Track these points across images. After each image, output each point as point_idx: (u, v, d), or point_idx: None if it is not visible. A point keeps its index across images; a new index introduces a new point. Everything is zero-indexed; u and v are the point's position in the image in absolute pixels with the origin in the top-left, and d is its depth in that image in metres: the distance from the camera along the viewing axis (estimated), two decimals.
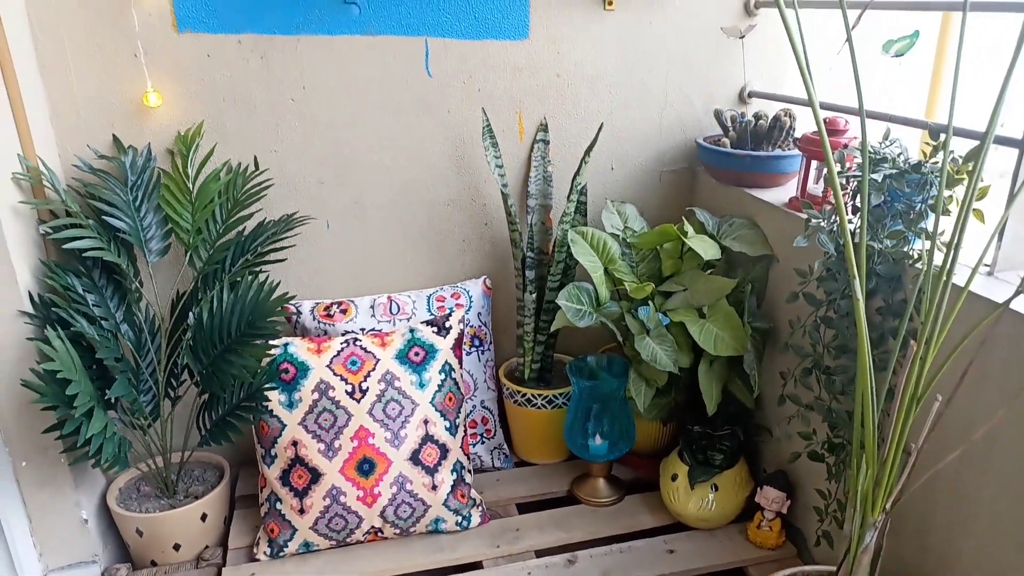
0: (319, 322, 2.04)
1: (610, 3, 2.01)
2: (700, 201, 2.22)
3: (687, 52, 2.12)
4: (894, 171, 1.45)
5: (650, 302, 1.89)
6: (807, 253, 1.63)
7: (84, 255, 1.70)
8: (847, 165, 1.56)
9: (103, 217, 1.75)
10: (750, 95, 2.18)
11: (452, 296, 2.15)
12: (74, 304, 1.69)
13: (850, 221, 1.49)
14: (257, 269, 1.92)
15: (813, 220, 1.51)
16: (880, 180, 1.42)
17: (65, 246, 1.65)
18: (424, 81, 2.01)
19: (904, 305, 1.46)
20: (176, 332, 1.87)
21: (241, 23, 1.85)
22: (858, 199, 1.52)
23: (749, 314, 1.84)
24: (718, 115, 2.07)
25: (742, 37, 1.97)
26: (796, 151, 1.92)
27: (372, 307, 2.09)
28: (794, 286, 1.65)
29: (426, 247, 2.18)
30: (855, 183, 1.53)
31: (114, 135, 1.86)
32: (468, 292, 2.17)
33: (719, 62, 2.14)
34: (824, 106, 1.76)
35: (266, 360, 1.83)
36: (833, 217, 1.51)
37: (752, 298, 1.86)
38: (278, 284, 1.78)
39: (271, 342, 1.82)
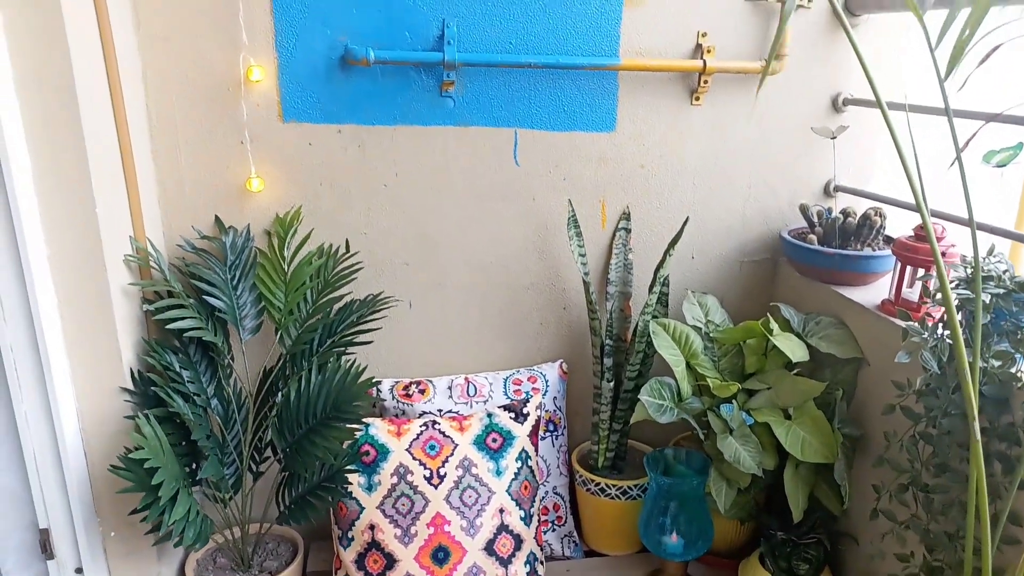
0: (398, 401, 2.06)
1: (697, 99, 2.04)
2: (783, 294, 2.19)
3: (772, 146, 2.12)
4: (1001, 290, 1.41)
5: (733, 400, 1.86)
6: (903, 362, 1.58)
7: (184, 334, 1.76)
8: (949, 280, 1.52)
9: (203, 296, 1.82)
10: (836, 189, 2.16)
11: (528, 379, 2.15)
12: (171, 383, 1.75)
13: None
14: (342, 349, 1.96)
15: (915, 336, 1.47)
16: (988, 301, 1.38)
17: (168, 326, 1.72)
18: (511, 169, 2.05)
19: (1012, 429, 1.41)
20: (262, 408, 1.92)
21: (343, 114, 1.93)
22: (961, 315, 1.49)
23: (839, 419, 1.79)
24: (804, 210, 2.05)
25: (834, 138, 1.96)
26: (887, 251, 1.89)
27: (450, 388, 2.11)
28: (887, 392, 1.61)
29: (504, 329, 2.20)
30: (958, 292, 1.49)
31: (216, 216, 1.95)
32: (544, 376, 2.17)
33: (804, 156, 2.14)
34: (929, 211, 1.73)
35: (348, 443, 1.85)
36: (936, 332, 1.47)
37: (842, 403, 1.81)
38: (364, 368, 1.81)
39: (354, 426, 1.84)
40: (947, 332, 1.42)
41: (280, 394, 1.87)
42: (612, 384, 2.08)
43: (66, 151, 1.53)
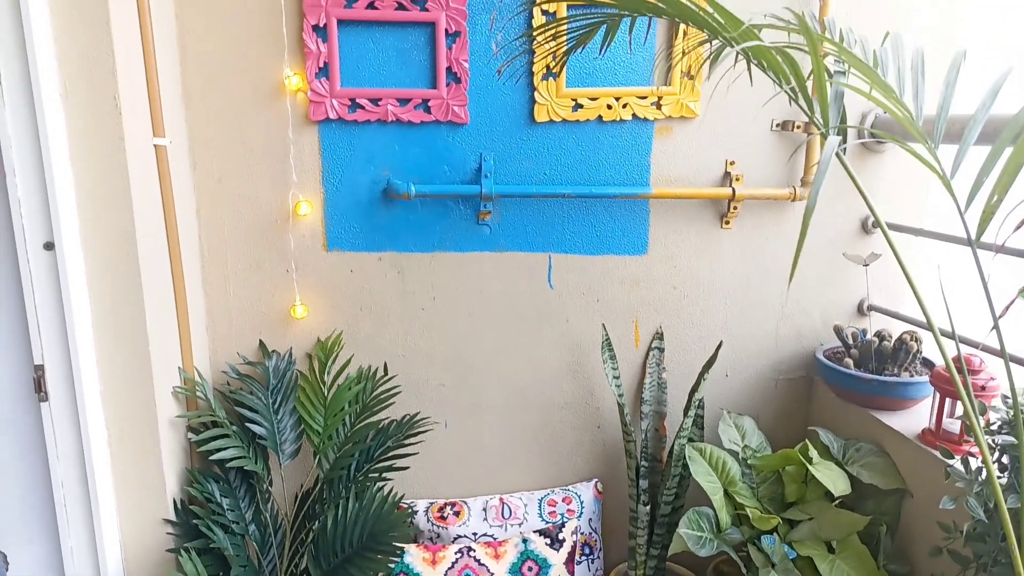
0: (432, 524, 2.06)
1: (727, 222, 2.09)
2: (820, 415, 2.17)
3: (803, 267, 2.14)
4: None
5: (775, 532, 1.82)
6: (947, 492, 1.55)
7: (226, 464, 1.80)
8: (987, 416, 1.51)
9: (245, 423, 1.87)
10: (869, 308, 2.17)
11: (563, 500, 2.14)
12: (213, 516, 1.77)
13: (998, 476, 1.42)
14: (378, 475, 1.98)
15: (959, 480, 1.45)
16: None
17: (212, 457, 1.76)
18: (545, 292, 2.10)
19: None
20: (299, 533, 1.93)
21: (383, 243, 2.01)
22: (1005, 457, 1.47)
23: (884, 555, 1.74)
24: (838, 331, 2.06)
25: (866, 265, 1.99)
26: (925, 378, 1.88)
27: (484, 509, 2.10)
28: (932, 527, 1.57)
29: (539, 448, 2.20)
30: (1000, 438, 1.47)
31: (261, 340, 2.01)
32: (579, 496, 2.15)
33: (837, 276, 2.15)
34: (960, 339, 1.73)
35: (384, 574, 1.84)
36: (980, 476, 1.45)
37: (887, 537, 1.77)
38: (401, 496, 1.83)
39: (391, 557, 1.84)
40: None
41: (317, 520, 1.88)
42: (648, 508, 2.06)
43: (125, 297, 1.61)
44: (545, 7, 1.89)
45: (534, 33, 1.87)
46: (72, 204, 1.54)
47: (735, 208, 2.06)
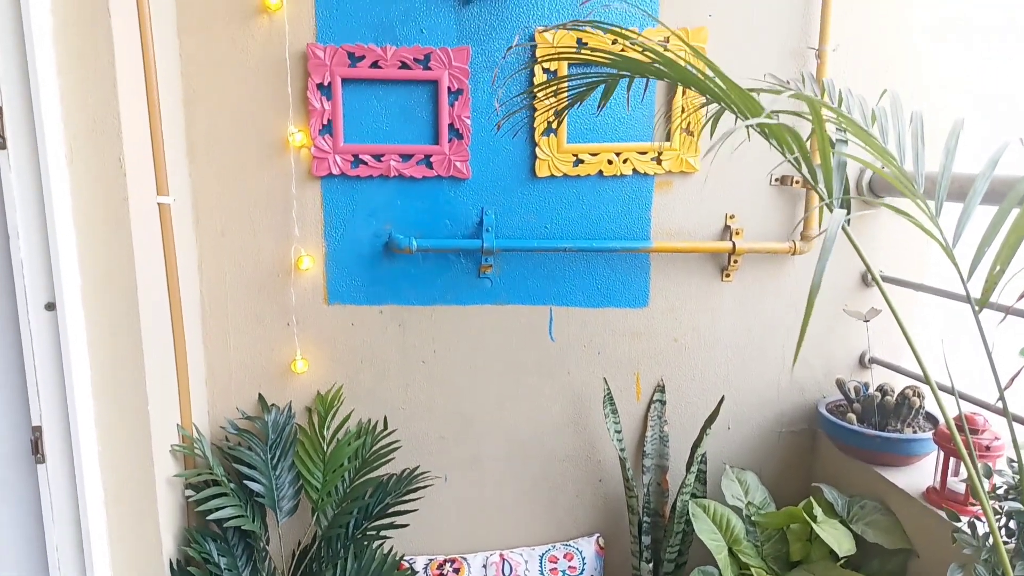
0: None
1: (727, 275, 2.09)
2: (823, 470, 2.15)
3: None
4: None
5: None
6: (955, 554, 1.53)
7: (224, 524, 1.77)
8: (992, 480, 1.50)
9: (243, 480, 1.85)
10: (871, 361, 2.16)
11: (565, 556, 2.11)
12: None
13: (1005, 543, 1.41)
14: (376, 533, 1.95)
15: (966, 547, 1.43)
16: None
17: (209, 517, 1.74)
18: (546, 345, 2.10)
19: None
20: None
21: (384, 296, 2.01)
22: (1013, 522, 1.45)
23: None
24: (841, 385, 2.05)
25: (867, 321, 1.99)
26: (928, 435, 1.87)
27: (484, 566, 2.07)
28: None
29: (540, 501, 2.18)
30: (1007, 504, 1.46)
31: (260, 394, 2.00)
32: (581, 552, 2.12)
33: (838, 328, 2.15)
34: (960, 396, 1.72)
35: None
36: (988, 542, 1.43)
37: None
38: (401, 557, 1.80)
39: None
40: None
41: None
42: (651, 565, 2.03)
43: (125, 357, 1.60)
44: (547, 65, 1.91)
45: (535, 90, 1.89)
46: (74, 265, 1.54)
47: (735, 261, 2.06)
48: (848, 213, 1.21)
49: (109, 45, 1.49)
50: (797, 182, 2.03)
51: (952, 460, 1.73)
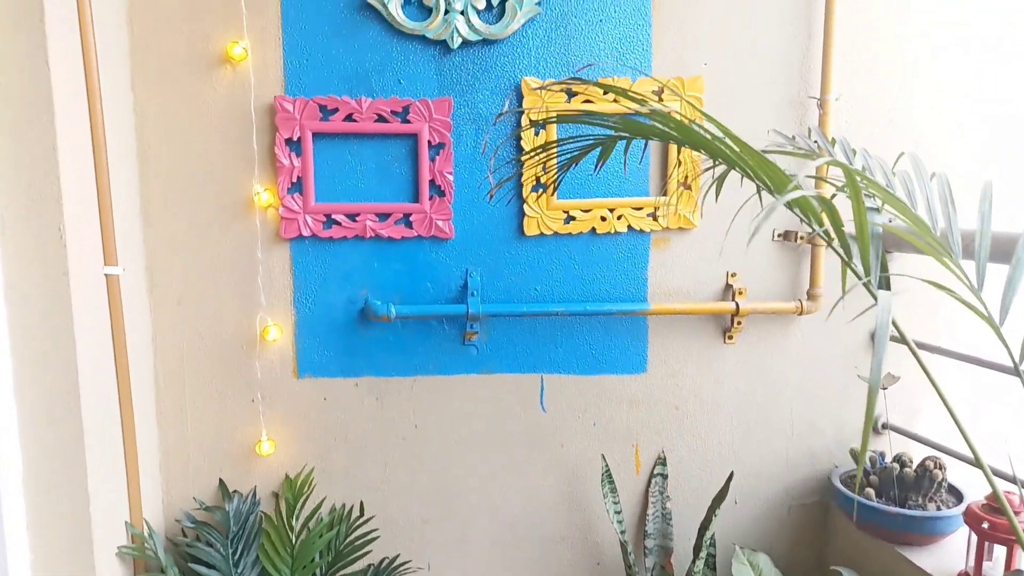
0: None
1: (730, 337, 1.95)
2: (838, 546, 1.99)
3: (812, 383, 2.00)
4: None
5: None
6: None
7: None
8: None
9: None
10: (884, 427, 2.02)
11: None
12: None
13: None
14: None
15: None
16: None
17: None
18: (537, 416, 1.93)
19: None
20: None
21: (360, 367, 1.84)
22: None
23: None
24: (855, 455, 1.90)
25: (884, 389, 1.85)
26: (955, 511, 1.72)
27: None
28: None
29: None
30: None
31: (221, 480, 1.80)
32: None
33: (848, 392, 2.01)
34: (993, 471, 1.58)
35: None
36: None
37: None
38: None
39: None
40: None
41: None
42: None
43: (63, 450, 1.41)
44: (536, 116, 1.79)
45: (523, 158, 1.76)
46: (6, 347, 1.36)
47: (739, 323, 1.92)
48: (885, 290, 1.07)
49: (48, 99, 1.33)
50: (802, 238, 1.91)
51: (986, 543, 1.58)
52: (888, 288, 1.08)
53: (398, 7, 1.72)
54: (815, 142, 1.37)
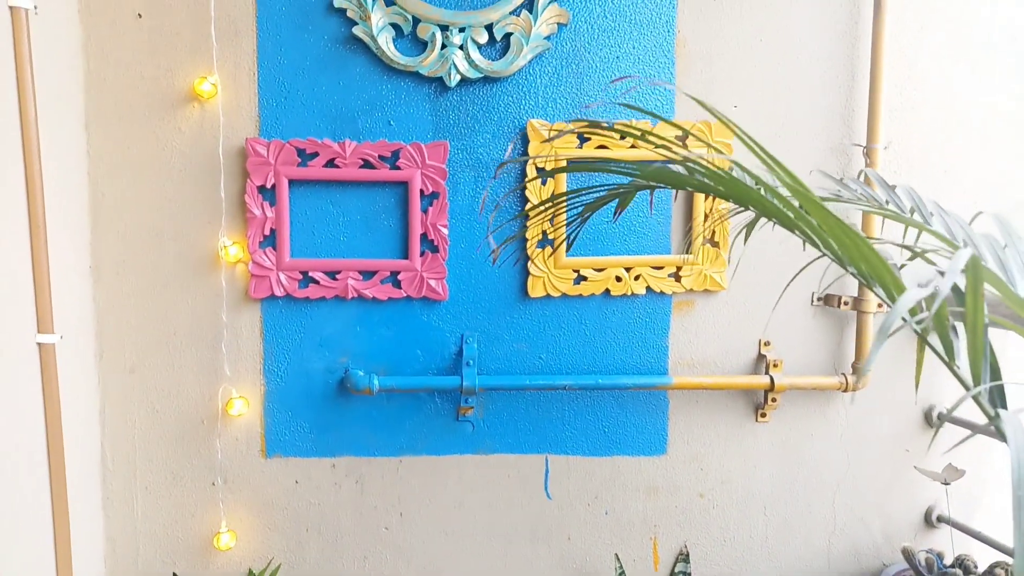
0: None
1: (763, 415, 1.71)
2: None
3: (857, 468, 1.75)
4: None
5: None
6: None
7: None
8: None
9: None
10: (939, 520, 1.76)
11: None
12: None
13: None
14: None
15: None
16: None
17: None
18: (541, 503, 1.68)
19: None
20: None
21: (338, 446, 1.61)
22: None
23: None
24: (908, 556, 1.63)
25: (946, 484, 1.59)
26: None
27: None
28: None
29: None
30: None
31: (174, 575, 1.56)
32: None
33: (898, 479, 1.76)
34: None
35: None
36: None
37: None
38: None
39: None
40: None
41: None
42: None
43: None
44: (541, 163, 1.58)
45: (529, 210, 1.55)
46: None
47: (773, 399, 1.68)
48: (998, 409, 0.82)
49: None
50: (845, 303, 1.67)
51: None
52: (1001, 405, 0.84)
53: (389, 41, 1.52)
54: (859, 194, 1.14)
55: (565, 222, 1.31)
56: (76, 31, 1.44)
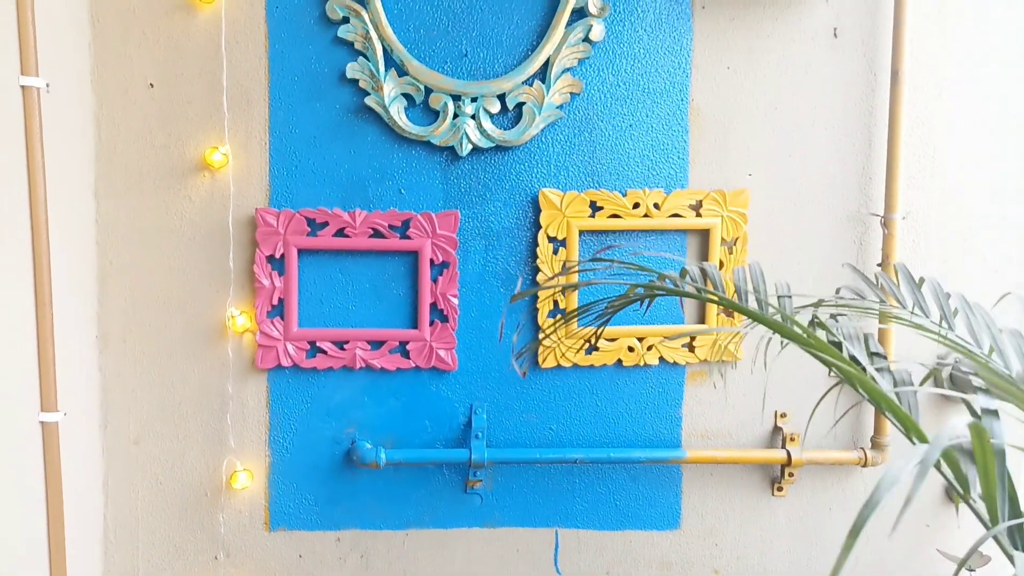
0: None
1: (780, 489, 1.66)
2: None
3: (876, 543, 1.69)
4: None
5: None
6: None
7: None
8: None
9: None
10: None
11: None
12: None
13: None
14: None
15: None
16: None
17: None
18: None
19: None
20: None
21: (343, 519, 1.57)
22: None
23: None
24: None
25: (971, 571, 1.54)
26: None
27: None
28: None
29: None
30: None
31: None
32: None
33: (918, 554, 1.70)
34: None
35: None
36: None
37: None
38: None
39: None
40: None
41: None
42: None
43: None
44: (552, 233, 1.56)
45: (540, 280, 1.53)
46: None
47: (791, 474, 1.64)
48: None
49: None
50: (860, 336, 1.63)
51: None
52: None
53: (401, 110, 1.52)
54: (884, 287, 1.11)
55: (577, 324, 1.30)
56: (88, 101, 1.44)
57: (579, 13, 1.54)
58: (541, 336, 1.57)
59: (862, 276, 1.17)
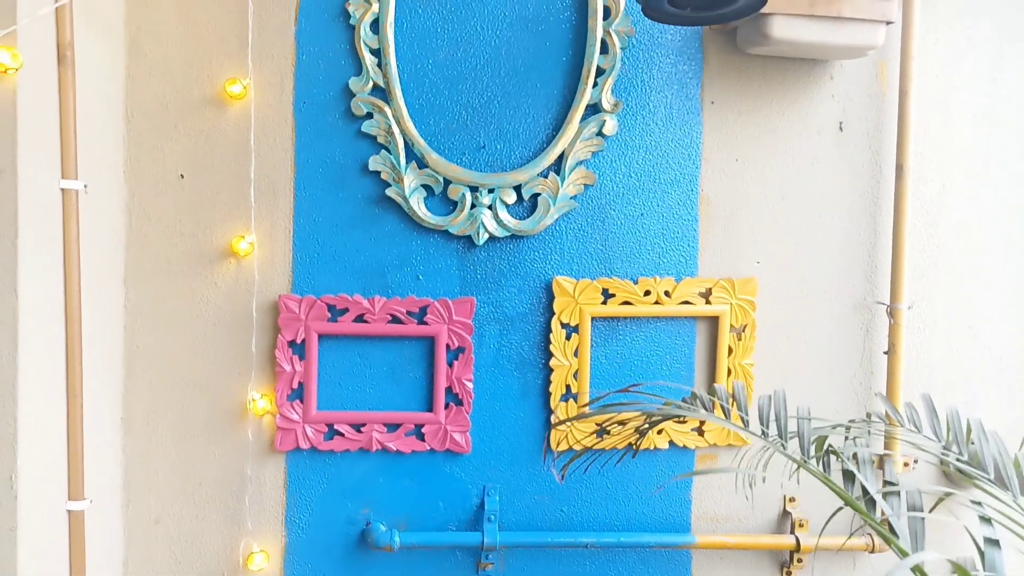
0: None
1: (788, 573, 1.67)
2: None
3: None
4: None
5: None
6: None
7: None
8: None
9: None
10: None
11: None
12: None
13: None
14: None
15: None
16: None
17: None
18: None
19: None
20: None
21: None
22: None
23: None
24: None
25: None
26: None
27: None
28: None
29: None
30: None
31: None
32: None
33: None
34: None
35: None
36: None
37: None
38: None
39: None
40: None
41: None
42: None
43: None
44: (565, 319, 1.60)
45: (552, 365, 1.57)
46: None
47: (799, 560, 1.65)
48: None
49: (12, 332, 1.17)
50: (873, 460, 1.65)
51: None
52: None
53: (420, 201, 1.57)
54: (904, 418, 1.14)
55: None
56: (121, 193, 1.50)
57: (593, 108, 1.60)
58: (554, 420, 1.61)
59: (886, 401, 1.21)
